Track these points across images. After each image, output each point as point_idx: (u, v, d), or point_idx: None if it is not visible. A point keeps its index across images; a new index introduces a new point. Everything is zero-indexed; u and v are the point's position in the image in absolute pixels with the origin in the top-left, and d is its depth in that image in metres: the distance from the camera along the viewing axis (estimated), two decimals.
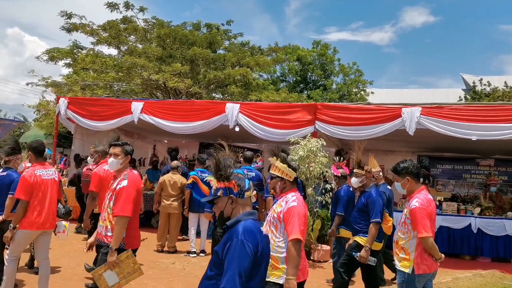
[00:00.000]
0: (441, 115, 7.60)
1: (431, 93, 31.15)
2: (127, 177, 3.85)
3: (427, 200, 3.69)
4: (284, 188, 3.43)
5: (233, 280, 2.12)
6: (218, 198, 2.48)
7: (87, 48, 17.34)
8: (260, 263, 2.30)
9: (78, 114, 9.93)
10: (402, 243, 3.74)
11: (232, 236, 2.26)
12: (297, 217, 3.17)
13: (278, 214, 3.26)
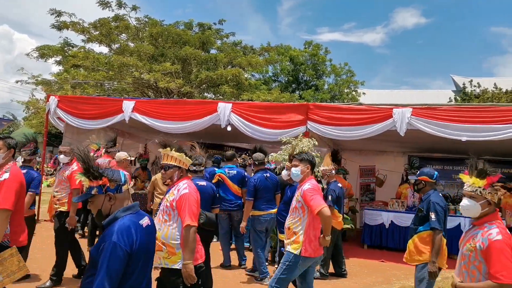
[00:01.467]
0: (432, 116, 7.65)
1: (422, 94, 31.44)
2: (9, 170, 3.69)
3: (316, 185, 4.07)
4: (181, 176, 3.53)
5: (102, 284, 2.18)
6: (93, 196, 2.43)
7: (78, 46, 17.22)
8: (138, 259, 2.35)
9: (68, 113, 9.84)
10: (294, 227, 3.96)
11: (105, 238, 2.28)
12: (189, 204, 3.31)
13: (171, 203, 3.37)
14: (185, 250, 3.26)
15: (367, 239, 9.33)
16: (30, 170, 5.29)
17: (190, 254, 3.25)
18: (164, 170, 3.53)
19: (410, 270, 7.52)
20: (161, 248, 3.32)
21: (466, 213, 2.98)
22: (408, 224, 8.91)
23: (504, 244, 2.61)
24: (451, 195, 10.61)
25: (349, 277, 6.87)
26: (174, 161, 3.48)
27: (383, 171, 11.59)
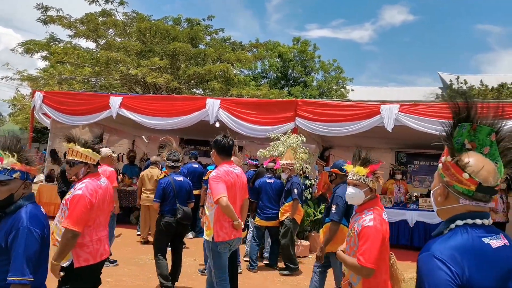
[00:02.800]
0: (418, 112, 7.73)
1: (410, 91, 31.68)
2: None
3: (224, 171, 3.95)
4: (88, 172, 3.32)
5: (21, 268, 2.22)
6: (12, 180, 2.41)
7: (64, 41, 17.00)
8: (46, 246, 2.42)
9: (54, 109, 9.73)
10: (208, 214, 4.01)
11: (17, 224, 2.32)
12: (77, 206, 3.08)
13: (67, 201, 3.22)
14: (57, 249, 3.06)
15: None
16: None
17: (59, 256, 3.05)
18: (69, 165, 3.31)
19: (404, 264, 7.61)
20: (56, 243, 3.17)
21: (351, 201, 3.04)
22: (395, 220, 9.04)
23: (373, 230, 2.69)
24: None
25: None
26: (80, 156, 3.26)
27: None
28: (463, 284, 1.35)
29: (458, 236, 1.45)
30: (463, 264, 1.38)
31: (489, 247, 1.44)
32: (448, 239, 1.46)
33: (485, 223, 1.50)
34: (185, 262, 6.02)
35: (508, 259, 1.46)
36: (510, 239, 1.54)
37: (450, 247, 1.41)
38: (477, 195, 1.50)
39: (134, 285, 5.63)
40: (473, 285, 1.36)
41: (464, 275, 1.36)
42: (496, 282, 1.41)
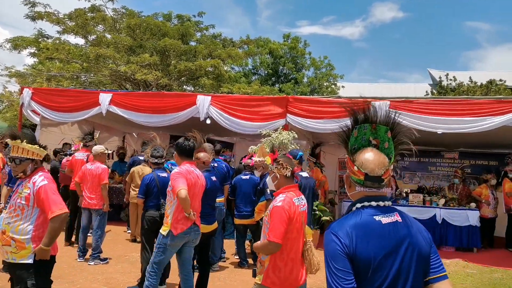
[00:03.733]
0: (409, 108, 7.76)
1: (400, 87, 31.88)
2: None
3: (186, 169, 4.20)
4: (36, 168, 3.39)
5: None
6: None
7: (53, 37, 16.80)
8: None
9: (43, 106, 9.59)
10: (168, 211, 4.20)
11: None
12: (50, 194, 3.23)
13: (26, 197, 3.23)
14: (48, 237, 3.17)
15: None
16: None
17: (51, 241, 3.20)
18: (15, 163, 3.32)
19: None
20: (9, 242, 3.20)
21: (270, 187, 3.41)
22: None
23: (280, 209, 2.99)
24: (427, 186, 10.83)
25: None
26: (26, 153, 3.31)
27: None
28: (350, 252, 1.70)
29: (354, 216, 1.81)
30: (352, 236, 1.72)
31: (379, 223, 1.77)
32: (346, 218, 1.82)
33: (381, 205, 1.83)
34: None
35: (397, 232, 1.77)
36: (405, 217, 1.86)
37: (346, 224, 1.76)
38: (366, 183, 1.84)
39: (126, 282, 5.61)
40: (358, 252, 1.70)
41: (351, 245, 1.70)
42: (384, 250, 1.72)
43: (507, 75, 24.71)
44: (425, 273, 1.81)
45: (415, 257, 1.77)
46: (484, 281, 6.64)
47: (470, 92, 20.31)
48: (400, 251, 1.75)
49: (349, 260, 1.70)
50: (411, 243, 1.78)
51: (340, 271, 1.69)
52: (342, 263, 1.70)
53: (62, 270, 6.01)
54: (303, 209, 3.16)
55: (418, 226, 1.89)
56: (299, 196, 3.18)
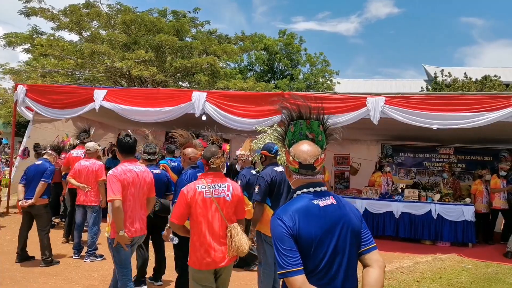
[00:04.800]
0: (404, 104, 7.77)
1: (395, 83, 31.91)
2: None
3: (121, 170, 4.03)
4: None
5: None
6: None
7: (47, 33, 16.68)
8: None
9: (38, 102, 9.52)
10: (109, 211, 4.05)
11: None
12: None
13: None
14: None
15: None
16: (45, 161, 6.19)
17: None
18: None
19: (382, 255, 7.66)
20: None
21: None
22: (381, 211, 9.13)
23: (180, 194, 3.37)
24: (423, 182, 10.87)
25: None
26: None
27: (357, 160, 11.75)
28: (294, 233, 1.94)
29: (295, 201, 2.06)
30: (295, 219, 1.97)
31: (317, 206, 2.02)
32: (289, 204, 2.08)
33: (318, 190, 2.09)
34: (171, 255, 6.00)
35: (333, 213, 2.03)
36: (338, 199, 2.11)
37: (289, 210, 2.01)
38: (301, 171, 2.09)
39: None
40: (301, 233, 1.94)
41: (295, 226, 1.95)
42: (322, 229, 1.98)
43: (502, 71, 24.82)
44: (358, 247, 2.09)
45: (350, 233, 2.04)
46: (479, 275, 6.68)
47: (465, 88, 20.38)
48: (337, 229, 2.02)
49: (294, 240, 1.95)
50: (345, 222, 2.05)
51: (287, 251, 1.93)
52: (288, 243, 1.94)
53: (58, 267, 6.00)
54: (217, 195, 3.39)
55: (350, 207, 2.14)
56: (213, 183, 3.41)
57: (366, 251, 2.09)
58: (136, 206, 4.09)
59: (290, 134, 2.22)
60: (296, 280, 1.90)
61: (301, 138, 2.18)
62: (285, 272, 1.93)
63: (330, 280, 1.98)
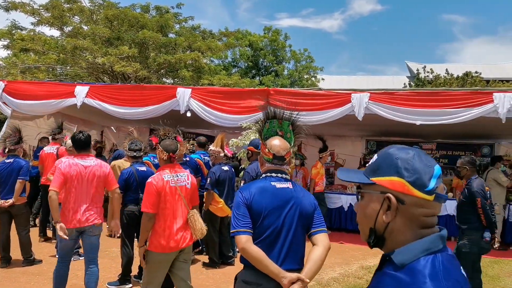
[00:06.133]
0: (388, 100, 7.84)
1: (378, 80, 32.22)
2: None
3: (67, 163, 4.30)
4: None
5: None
6: None
7: (27, 28, 16.34)
8: None
9: (16, 98, 9.29)
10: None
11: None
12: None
13: None
14: None
15: (327, 222, 9.53)
16: (18, 158, 5.87)
17: None
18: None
19: (368, 250, 7.77)
20: None
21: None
22: None
23: (148, 184, 3.64)
24: None
25: None
26: None
27: (342, 156, 11.84)
28: (248, 203, 2.41)
29: (259, 181, 2.55)
30: (252, 192, 2.44)
31: (273, 186, 2.48)
32: (253, 183, 2.57)
33: (279, 176, 2.55)
34: None
35: (286, 194, 2.47)
36: (296, 186, 2.56)
37: (251, 187, 2.49)
38: (274, 161, 2.55)
39: (106, 277, 5.53)
40: (253, 203, 2.41)
41: (249, 198, 2.42)
42: (273, 204, 2.42)
43: (482, 68, 25.25)
44: (308, 228, 2.51)
45: (298, 213, 2.46)
46: None
47: (447, 84, 20.66)
48: (286, 207, 2.45)
49: (247, 208, 2.41)
50: (295, 203, 2.47)
51: (239, 215, 2.40)
52: (242, 210, 2.41)
53: (40, 267, 5.90)
54: (180, 184, 3.73)
55: (306, 194, 2.58)
56: (175, 173, 3.74)
57: (314, 233, 2.49)
58: (81, 199, 4.30)
59: (265, 130, 2.68)
60: (242, 238, 2.36)
61: (273, 134, 2.65)
62: (234, 231, 2.39)
63: (272, 247, 2.40)
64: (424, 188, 1.14)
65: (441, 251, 1.13)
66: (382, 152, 1.26)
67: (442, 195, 1.17)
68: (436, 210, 1.18)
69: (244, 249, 2.36)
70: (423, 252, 1.11)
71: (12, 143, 5.86)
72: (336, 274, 6.19)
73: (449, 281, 1.06)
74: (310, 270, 2.35)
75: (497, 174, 8.71)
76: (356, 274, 6.27)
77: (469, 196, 4.74)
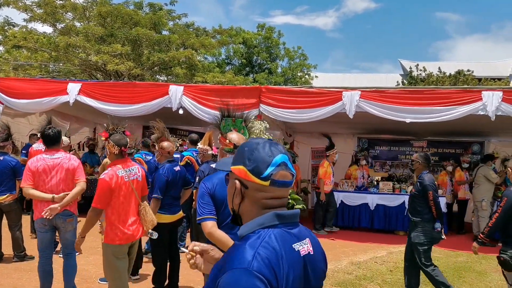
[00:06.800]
0: (378, 98, 7.91)
1: (372, 77, 32.38)
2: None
3: (35, 159, 4.40)
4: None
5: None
6: None
7: (20, 25, 16.26)
8: None
9: (7, 95, 9.26)
10: None
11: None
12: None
13: None
14: None
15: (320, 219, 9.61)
16: (7, 156, 5.86)
17: None
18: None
19: (358, 246, 7.87)
20: None
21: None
22: (357, 203, 9.30)
23: (101, 181, 3.71)
24: (397, 174, 11.11)
25: None
26: None
27: None
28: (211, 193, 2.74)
29: (219, 172, 2.81)
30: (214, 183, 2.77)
31: None
32: (214, 174, 2.92)
33: None
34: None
35: None
36: None
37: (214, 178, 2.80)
38: (234, 150, 2.80)
39: (98, 274, 5.58)
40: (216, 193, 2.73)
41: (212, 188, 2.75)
42: None
43: (475, 66, 25.44)
44: None
45: None
46: (450, 264, 6.91)
47: (439, 82, 20.83)
48: None
49: (211, 198, 2.72)
50: None
51: (204, 204, 2.70)
52: (206, 199, 2.72)
53: (32, 263, 5.92)
54: (132, 177, 3.85)
55: None
56: (127, 168, 3.84)
57: None
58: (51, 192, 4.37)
59: (222, 126, 3.15)
60: (208, 223, 2.65)
61: (228, 130, 3.11)
62: (200, 219, 2.68)
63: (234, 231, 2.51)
64: (260, 175, 1.35)
65: (277, 227, 1.34)
66: (241, 144, 1.52)
67: (278, 181, 1.36)
68: (276, 194, 1.38)
69: (210, 233, 2.62)
70: (258, 226, 1.34)
71: (1, 140, 5.85)
72: None
73: (266, 249, 1.26)
74: None
75: (487, 171, 8.84)
76: (345, 269, 6.35)
77: (422, 190, 4.98)
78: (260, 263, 1.21)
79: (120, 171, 3.78)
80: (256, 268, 1.20)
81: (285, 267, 1.27)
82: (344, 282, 5.76)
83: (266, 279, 1.20)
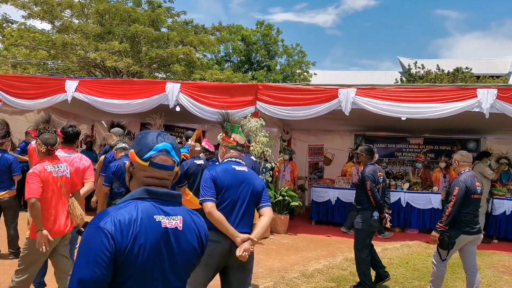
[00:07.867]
0: (374, 95, 7.94)
1: (371, 75, 32.40)
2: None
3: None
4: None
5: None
6: None
7: (18, 22, 16.26)
8: None
9: (6, 92, 9.29)
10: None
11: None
12: None
13: None
14: None
15: (315, 216, 9.67)
16: (6, 153, 5.86)
17: None
18: None
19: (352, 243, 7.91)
20: None
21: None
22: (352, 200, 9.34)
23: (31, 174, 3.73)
24: (394, 171, 11.14)
25: (296, 251, 7.14)
26: None
27: (332, 150, 11.96)
28: (214, 178, 3.11)
29: (223, 164, 3.24)
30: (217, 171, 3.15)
31: (233, 169, 3.18)
32: (218, 165, 3.27)
33: (238, 161, 3.26)
34: None
35: (242, 175, 3.18)
36: (250, 170, 3.29)
37: (218, 168, 3.19)
38: (237, 147, 3.29)
39: None
40: (218, 179, 3.10)
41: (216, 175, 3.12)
42: (232, 182, 3.11)
43: (473, 63, 25.47)
44: (257, 203, 3.20)
45: (250, 191, 3.16)
46: None
47: (438, 79, 20.85)
48: (242, 185, 3.14)
49: (213, 182, 3.09)
50: (249, 183, 3.17)
51: (207, 187, 3.08)
52: (209, 183, 3.09)
53: None
54: (61, 174, 3.92)
55: (257, 177, 3.29)
56: (55, 164, 3.92)
57: (262, 206, 3.20)
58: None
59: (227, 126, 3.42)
60: (208, 204, 3.03)
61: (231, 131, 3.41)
62: (202, 199, 3.07)
63: (230, 214, 3.08)
64: (142, 157, 1.67)
65: (146, 200, 1.62)
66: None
67: (157, 163, 1.67)
68: (155, 174, 1.68)
69: (210, 213, 3.01)
70: (129, 197, 1.63)
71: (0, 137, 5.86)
72: (321, 266, 6.31)
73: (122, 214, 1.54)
74: (258, 233, 3.11)
75: (483, 167, 8.87)
76: (340, 265, 6.39)
77: (362, 180, 5.30)
78: (110, 223, 1.51)
79: (49, 167, 3.86)
80: (106, 226, 1.50)
81: (136, 229, 1.53)
82: (339, 278, 5.80)
83: (110, 235, 1.49)
